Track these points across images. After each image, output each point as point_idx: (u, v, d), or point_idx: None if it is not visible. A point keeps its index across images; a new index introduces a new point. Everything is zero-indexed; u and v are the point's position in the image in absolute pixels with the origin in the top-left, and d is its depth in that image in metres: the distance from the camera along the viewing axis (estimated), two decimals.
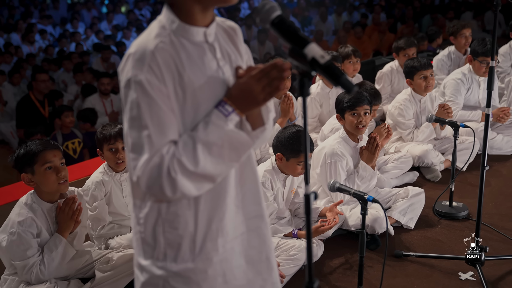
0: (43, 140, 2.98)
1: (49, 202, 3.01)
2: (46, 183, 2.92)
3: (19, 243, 2.87)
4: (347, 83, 1.47)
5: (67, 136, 6.21)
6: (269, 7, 1.54)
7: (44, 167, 2.89)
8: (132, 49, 1.53)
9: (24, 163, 2.91)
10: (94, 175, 3.43)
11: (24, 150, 2.91)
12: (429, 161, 4.54)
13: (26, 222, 2.89)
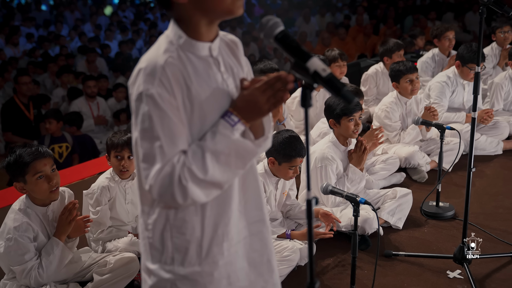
0: (33, 149, 2.97)
1: (42, 206, 3.05)
2: (38, 191, 2.97)
3: (16, 248, 2.91)
4: (348, 95, 1.55)
5: (56, 139, 6.21)
6: (273, 23, 1.63)
7: (35, 177, 2.92)
8: (143, 64, 1.60)
9: (15, 172, 2.95)
10: (100, 180, 3.49)
11: (14, 158, 2.93)
12: (415, 162, 4.66)
13: (22, 227, 2.93)
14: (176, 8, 1.63)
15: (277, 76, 1.61)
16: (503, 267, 3.39)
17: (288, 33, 1.63)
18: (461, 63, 5.10)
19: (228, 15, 1.65)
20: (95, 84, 7.81)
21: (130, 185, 3.57)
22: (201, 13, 1.62)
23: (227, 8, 1.61)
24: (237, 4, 1.62)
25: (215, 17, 1.66)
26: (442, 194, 4.15)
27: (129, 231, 3.60)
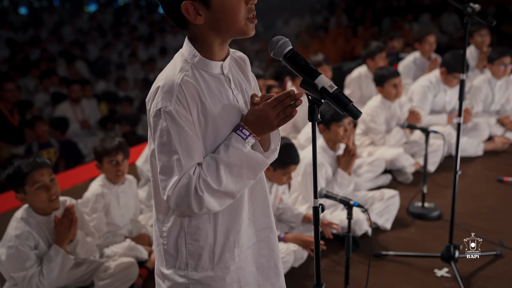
0: (30, 160, 3.04)
1: (44, 215, 3.12)
2: (38, 201, 3.04)
3: (17, 256, 2.98)
4: (354, 110, 1.67)
5: (43, 146, 6.24)
6: (282, 42, 1.74)
7: (34, 187, 3.00)
8: (161, 82, 1.70)
9: (14, 184, 3.02)
10: (94, 188, 3.56)
11: (12, 170, 3.00)
12: (400, 164, 4.81)
13: (23, 236, 3.00)
14: (192, 28, 1.74)
15: (286, 93, 1.72)
16: (488, 265, 3.54)
17: (296, 52, 1.75)
18: (447, 70, 5.25)
19: (241, 35, 1.75)
20: (80, 89, 7.84)
21: (122, 189, 3.65)
22: (215, 33, 1.73)
23: (241, 29, 1.72)
24: (250, 26, 1.73)
25: (228, 37, 1.76)
26: (427, 194, 4.30)
27: (125, 235, 3.67)
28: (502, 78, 5.70)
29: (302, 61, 1.73)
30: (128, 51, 11.96)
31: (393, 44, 8.19)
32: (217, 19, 1.69)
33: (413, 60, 6.48)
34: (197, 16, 1.68)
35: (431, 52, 6.37)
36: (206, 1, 1.66)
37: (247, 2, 1.70)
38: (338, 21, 13.32)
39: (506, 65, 5.58)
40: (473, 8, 3.12)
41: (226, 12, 1.68)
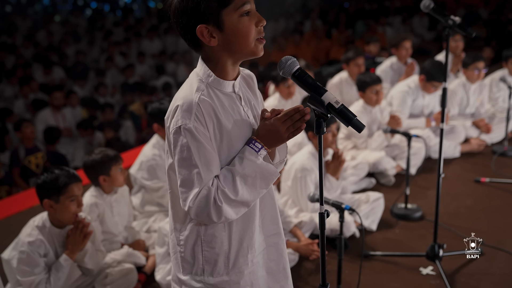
0: (70, 172, 3.19)
1: (58, 227, 3.24)
2: (67, 213, 3.17)
3: (27, 262, 3.09)
4: (358, 123, 1.83)
5: (30, 150, 6.27)
6: (291, 62, 1.88)
7: (69, 199, 3.14)
8: (180, 102, 1.82)
9: (50, 191, 3.13)
10: (87, 198, 3.64)
11: (50, 178, 3.13)
12: (382, 167, 4.99)
13: (35, 243, 3.12)
14: (206, 49, 1.87)
15: (295, 108, 1.86)
16: (469, 263, 3.73)
17: (304, 71, 1.89)
18: (426, 78, 5.44)
19: (251, 56, 1.88)
20: (62, 96, 7.87)
21: (115, 198, 3.75)
22: (228, 54, 1.86)
23: (251, 50, 1.85)
24: (259, 47, 1.87)
25: (240, 58, 1.90)
26: (409, 196, 4.48)
27: (122, 242, 3.77)
28: (476, 82, 5.94)
29: (309, 79, 1.88)
30: (105, 55, 11.96)
31: (370, 48, 8.41)
32: (229, 41, 1.82)
33: (390, 65, 6.68)
34: (211, 38, 1.81)
35: (407, 57, 6.59)
36: (220, 24, 1.79)
37: (257, 25, 1.83)
38: (313, 25, 13.53)
39: (480, 70, 5.81)
40: (454, 20, 3.30)
41: (238, 34, 1.81)
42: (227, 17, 1.79)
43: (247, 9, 1.80)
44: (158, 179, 4.04)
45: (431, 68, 5.39)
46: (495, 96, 6.19)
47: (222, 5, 1.77)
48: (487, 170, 5.27)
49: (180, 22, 1.83)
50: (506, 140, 5.69)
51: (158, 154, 4.08)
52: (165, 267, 3.44)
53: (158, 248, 3.51)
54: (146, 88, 9.18)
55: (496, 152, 5.62)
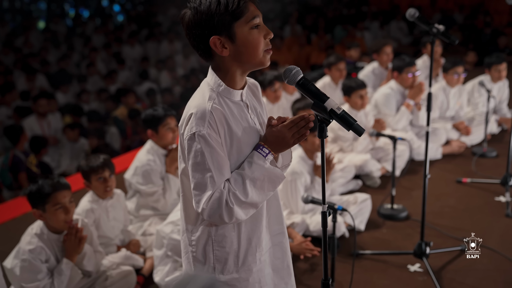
0: (55, 180, 3.27)
1: (56, 233, 3.32)
2: (55, 221, 3.25)
3: (30, 269, 3.17)
4: (358, 128, 1.98)
5: (25, 153, 6.30)
6: (295, 71, 2.02)
7: (54, 208, 3.21)
8: (193, 110, 1.94)
9: (36, 201, 3.22)
10: (83, 204, 3.74)
11: (36, 188, 3.21)
12: (368, 169, 5.15)
13: (36, 250, 3.20)
14: (217, 59, 1.99)
15: (301, 116, 2.00)
16: (454, 259, 3.90)
17: (307, 79, 2.03)
18: (398, 72, 5.66)
19: (259, 66, 2.02)
20: (47, 103, 7.89)
21: (111, 203, 3.84)
22: (237, 64, 1.99)
23: (260, 61, 1.99)
24: (267, 58, 2.01)
25: (249, 68, 2.03)
26: (395, 197, 4.64)
27: (118, 246, 3.86)
28: (456, 86, 6.15)
29: (312, 87, 2.02)
30: (86, 62, 11.97)
31: (351, 53, 8.60)
32: (240, 52, 1.95)
33: (372, 70, 6.87)
34: (223, 49, 1.94)
35: (388, 62, 6.78)
36: (232, 36, 1.92)
37: (265, 37, 1.98)
38: (292, 30, 13.71)
39: (459, 74, 6.02)
40: (438, 28, 3.46)
41: (248, 45, 1.94)
42: (239, 29, 1.92)
43: (256, 23, 1.94)
44: (153, 184, 4.14)
45: (398, 62, 5.68)
46: (476, 101, 6.40)
47: (235, 18, 1.91)
48: (468, 170, 5.47)
49: (194, 33, 1.95)
50: (485, 142, 5.90)
51: (152, 159, 4.17)
52: (163, 269, 3.54)
53: (156, 251, 3.61)
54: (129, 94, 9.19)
55: (476, 153, 5.83)
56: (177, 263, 3.49)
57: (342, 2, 18.46)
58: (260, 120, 2.15)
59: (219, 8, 1.89)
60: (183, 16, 1.98)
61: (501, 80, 6.31)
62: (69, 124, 7.74)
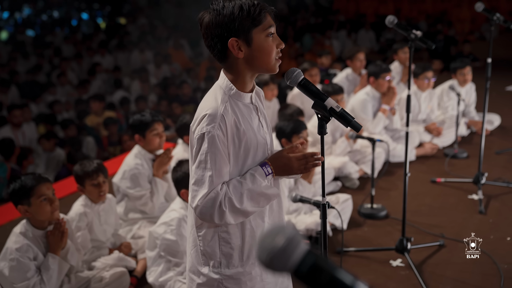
0: (36, 175, 3.35)
1: (41, 229, 3.37)
2: (41, 213, 3.30)
3: (19, 268, 3.22)
4: (356, 124, 2.14)
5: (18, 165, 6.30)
6: (297, 73, 2.17)
7: (40, 200, 3.27)
8: (206, 111, 2.08)
9: (20, 196, 3.27)
10: (76, 207, 3.80)
11: (19, 184, 3.27)
12: (347, 171, 5.33)
13: (23, 248, 3.25)
14: (232, 60, 2.13)
15: (313, 153, 2.22)
16: (433, 254, 4.10)
17: (308, 80, 2.19)
18: (375, 77, 5.87)
19: (269, 72, 2.17)
20: (21, 113, 7.88)
21: (103, 207, 3.92)
22: (249, 68, 2.13)
23: (270, 67, 2.14)
24: (276, 65, 2.16)
25: (258, 72, 2.18)
26: (374, 197, 4.82)
27: (110, 248, 3.94)
28: (426, 91, 6.40)
29: (313, 87, 2.17)
30: (57, 72, 11.92)
31: (322, 60, 8.80)
32: (254, 56, 2.10)
33: (346, 76, 7.09)
34: (239, 51, 2.08)
35: (361, 68, 7.00)
36: (249, 40, 2.07)
37: (277, 46, 2.13)
38: None
39: (429, 79, 6.28)
40: (416, 34, 3.66)
41: (263, 51, 2.09)
42: (256, 35, 2.07)
43: (272, 31, 2.11)
44: (141, 187, 4.22)
45: (374, 68, 5.88)
46: (445, 105, 6.66)
47: (254, 24, 2.06)
48: (441, 171, 5.70)
49: (213, 33, 2.08)
50: (456, 144, 6.14)
51: (140, 163, 4.26)
52: (156, 269, 3.64)
53: (149, 252, 3.70)
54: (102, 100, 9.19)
55: (448, 154, 6.08)
56: (170, 263, 3.59)
57: (309, 12, 18.77)
58: (267, 122, 2.30)
59: (242, 13, 2.04)
60: (202, 17, 2.12)
61: (467, 83, 6.57)
62: (44, 135, 7.74)
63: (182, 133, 4.66)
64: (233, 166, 2.14)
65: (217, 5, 2.09)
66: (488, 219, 4.60)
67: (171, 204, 3.74)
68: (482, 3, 4.50)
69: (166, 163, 4.28)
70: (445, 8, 16.83)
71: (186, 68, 12.39)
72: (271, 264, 0.92)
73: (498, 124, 6.96)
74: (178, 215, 3.55)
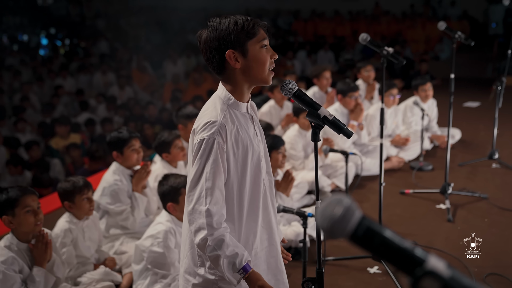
0: (21, 187, 3.41)
1: (25, 242, 3.41)
2: (25, 224, 3.35)
3: (5, 280, 3.24)
4: (347, 131, 2.29)
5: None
6: (291, 84, 2.32)
7: (24, 210, 3.33)
8: (207, 119, 2.22)
9: (5, 207, 3.32)
10: (61, 224, 3.83)
11: (4, 196, 3.32)
12: (320, 185, 5.49)
13: (8, 261, 3.29)
14: (229, 72, 2.28)
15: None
16: None
17: (302, 91, 2.34)
18: (342, 95, 6.09)
19: (263, 83, 2.32)
20: None
21: (87, 224, 3.97)
22: (246, 78, 2.28)
23: (265, 77, 2.29)
24: (270, 76, 2.32)
25: (254, 83, 2.33)
26: None
27: (95, 264, 3.97)
28: (392, 107, 6.66)
29: (307, 98, 2.32)
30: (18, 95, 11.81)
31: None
32: (250, 66, 2.25)
33: (312, 94, 7.29)
34: (236, 62, 2.23)
35: (327, 86, 7.23)
36: (244, 52, 2.23)
37: (271, 57, 2.29)
38: None
39: (394, 96, 6.54)
40: (388, 51, 3.86)
41: (257, 61, 2.25)
42: (251, 47, 2.23)
43: (266, 43, 2.27)
44: (121, 203, 4.28)
45: (342, 85, 6.15)
46: (409, 120, 6.94)
47: (249, 37, 2.22)
48: (408, 183, 5.92)
49: (211, 47, 2.23)
50: (422, 157, 6.41)
51: (119, 179, 4.32)
52: (143, 282, 3.69)
53: (135, 265, 3.76)
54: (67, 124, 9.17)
55: (414, 167, 6.32)
56: (157, 276, 3.65)
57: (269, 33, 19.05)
58: (261, 131, 2.45)
59: (237, 27, 2.21)
60: (200, 34, 2.27)
61: (428, 99, 6.87)
62: (10, 160, 7.68)
63: (160, 151, 4.74)
64: (233, 170, 2.26)
65: (213, 22, 2.26)
66: (457, 227, 4.82)
67: (157, 218, 3.81)
68: (445, 22, 4.78)
69: (145, 178, 4.36)
70: (399, 29, 17.38)
71: (150, 90, 12.45)
72: (332, 230, 1.06)
73: (459, 138, 7.29)
74: (165, 227, 3.62)
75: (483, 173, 6.19)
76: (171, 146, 4.65)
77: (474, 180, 5.96)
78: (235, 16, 2.26)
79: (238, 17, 2.25)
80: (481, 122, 8.27)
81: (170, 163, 4.70)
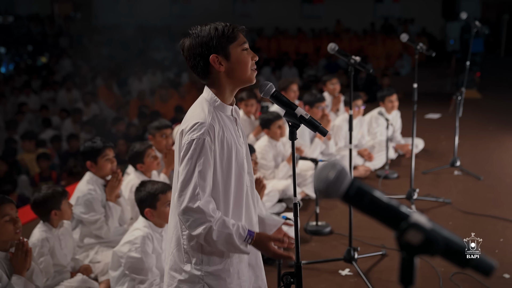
0: (0, 196, 3.43)
1: (4, 251, 3.43)
2: (5, 233, 3.37)
3: None
4: (323, 130, 2.43)
5: None
6: (269, 86, 2.45)
7: (3, 220, 3.35)
8: (195, 120, 2.33)
9: None
10: (38, 233, 3.84)
11: None
12: (290, 193, 5.61)
13: None
14: (214, 76, 2.40)
15: (289, 256, 2.57)
16: (378, 262, 4.42)
17: (279, 93, 2.46)
18: (310, 106, 6.26)
19: (247, 82, 2.44)
20: None
21: (62, 231, 4.00)
22: (230, 80, 2.40)
23: (248, 77, 2.42)
24: (253, 75, 2.45)
25: (239, 84, 2.45)
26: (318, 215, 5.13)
27: (71, 272, 3.99)
28: (357, 118, 6.86)
29: (284, 98, 2.45)
30: None
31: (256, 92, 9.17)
32: (233, 68, 2.38)
33: None
34: (220, 65, 2.35)
35: (295, 98, 7.38)
36: (227, 55, 2.35)
37: (252, 58, 2.42)
38: (190, 76, 14.17)
39: (359, 107, 6.74)
40: (355, 59, 4.03)
41: (240, 63, 2.38)
42: (233, 50, 2.36)
43: (246, 47, 2.41)
44: (95, 212, 4.30)
45: (309, 97, 6.34)
46: (374, 131, 7.16)
47: (229, 41, 2.36)
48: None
49: (195, 53, 2.35)
50: (387, 165, 6.62)
51: (93, 188, 4.35)
52: None
53: (112, 272, 3.80)
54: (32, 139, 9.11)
55: (380, 176, 6.51)
56: (135, 281, 3.69)
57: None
58: (244, 133, 2.58)
59: (217, 32, 2.34)
60: (183, 43, 2.40)
61: (394, 109, 7.11)
62: None
63: (134, 162, 4.78)
64: (219, 169, 2.37)
65: (195, 30, 2.38)
66: None
67: (134, 224, 3.87)
68: (407, 34, 5.00)
69: (117, 186, 4.41)
70: (361, 46, 17.79)
71: (116, 106, 12.45)
72: (327, 191, 1.18)
73: (422, 148, 7.54)
74: (142, 233, 3.68)
75: (446, 180, 6.43)
76: (144, 155, 4.70)
77: (438, 187, 6.18)
78: (214, 23, 2.38)
79: (217, 23, 2.38)
80: (442, 133, 8.59)
81: (144, 173, 4.76)
